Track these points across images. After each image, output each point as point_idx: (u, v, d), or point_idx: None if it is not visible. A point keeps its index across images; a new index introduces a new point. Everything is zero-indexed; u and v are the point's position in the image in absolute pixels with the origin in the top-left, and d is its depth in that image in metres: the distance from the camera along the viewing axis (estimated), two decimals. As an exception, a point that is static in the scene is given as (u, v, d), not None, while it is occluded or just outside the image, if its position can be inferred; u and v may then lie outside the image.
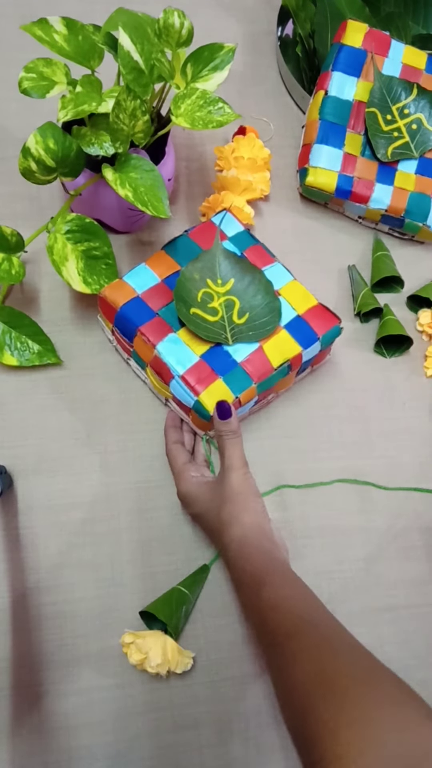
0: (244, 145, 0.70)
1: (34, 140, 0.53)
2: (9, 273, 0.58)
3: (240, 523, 0.51)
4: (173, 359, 0.56)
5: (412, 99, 0.72)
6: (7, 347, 0.62)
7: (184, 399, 0.56)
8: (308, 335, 0.59)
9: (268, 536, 0.51)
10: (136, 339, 0.58)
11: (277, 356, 0.58)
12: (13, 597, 0.56)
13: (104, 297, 0.58)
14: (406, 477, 0.65)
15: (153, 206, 0.55)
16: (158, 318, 0.57)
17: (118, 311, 0.57)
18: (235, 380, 0.56)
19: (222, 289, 0.58)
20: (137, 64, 0.56)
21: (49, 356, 0.63)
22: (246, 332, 0.57)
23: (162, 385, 0.58)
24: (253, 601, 0.47)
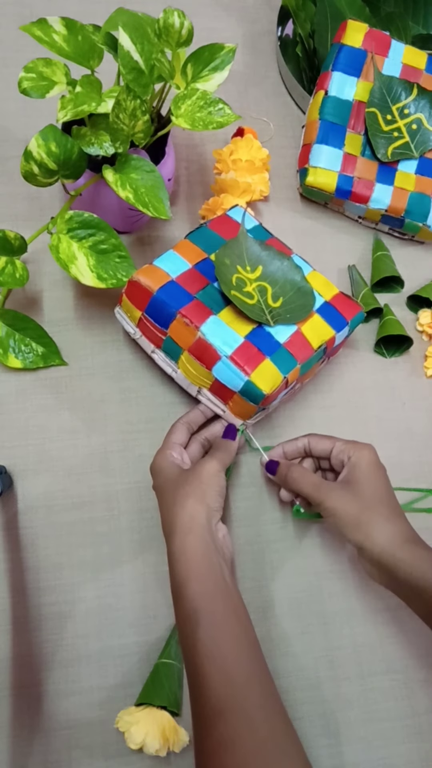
0: (242, 147, 0.70)
1: (36, 143, 0.52)
2: (13, 277, 0.58)
3: (189, 511, 0.50)
4: (219, 340, 0.54)
5: (412, 99, 0.72)
6: (12, 350, 0.62)
7: (231, 382, 0.55)
8: (338, 320, 0.60)
9: (213, 538, 0.50)
10: (174, 323, 0.56)
11: (315, 338, 0.58)
12: (13, 597, 0.56)
13: (137, 281, 0.56)
14: (406, 477, 0.65)
15: (154, 207, 0.55)
16: (197, 301, 0.56)
17: (154, 294, 0.55)
18: (281, 360, 0.55)
19: (252, 275, 0.58)
20: (137, 64, 0.56)
21: (54, 358, 0.63)
22: (284, 315, 0.57)
23: (200, 372, 0.56)
24: (188, 641, 0.46)
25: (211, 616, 0.46)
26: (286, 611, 0.59)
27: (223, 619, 0.46)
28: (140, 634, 0.56)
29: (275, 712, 0.44)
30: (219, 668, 0.44)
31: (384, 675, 0.58)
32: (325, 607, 0.59)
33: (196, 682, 0.45)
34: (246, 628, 0.47)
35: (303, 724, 0.55)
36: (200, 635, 0.45)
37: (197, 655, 0.45)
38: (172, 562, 0.49)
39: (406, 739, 0.56)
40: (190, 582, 0.47)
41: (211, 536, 0.50)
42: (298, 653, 0.57)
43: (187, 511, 0.50)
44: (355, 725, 0.56)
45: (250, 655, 0.46)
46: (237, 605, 0.48)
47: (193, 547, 0.48)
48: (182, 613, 0.47)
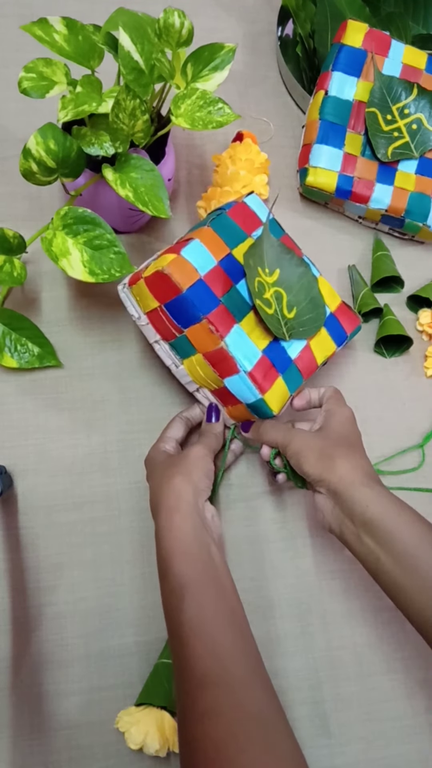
0: (241, 152, 0.70)
1: (35, 141, 0.52)
2: (11, 275, 0.58)
3: (175, 490, 0.50)
4: (240, 354, 0.54)
5: (412, 99, 0.72)
6: (7, 349, 0.62)
7: (242, 395, 0.55)
8: (340, 334, 0.60)
9: (200, 515, 0.50)
10: (197, 326, 0.54)
11: (320, 354, 0.58)
12: (13, 597, 0.56)
13: (168, 275, 0.52)
14: (407, 477, 0.65)
15: (153, 206, 0.55)
16: (222, 306, 0.55)
17: (183, 293, 0.53)
18: (291, 378, 0.56)
19: (270, 279, 0.57)
20: (137, 64, 0.56)
21: (49, 359, 0.63)
22: (297, 328, 0.57)
23: (210, 377, 0.56)
24: (174, 614, 0.46)
25: (197, 590, 0.46)
26: (286, 611, 0.59)
27: (209, 594, 0.47)
28: (140, 634, 0.56)
29: (261, 685, 0.44)
30: (203, 642, 0.44)
31: (384, 675, 0.58)
32: (325, 607, 0.59)
33: (180, 655, 0.45)
34: (232, 605, 0.48)
35: (303, 724, 0.55)
36: (185, 609, 0.45)
37: (182, 628, 0.45)
38: (159, 538, 0.50)
39: (406, 739, 0.56)
40: (175, 557, 0.48)
41: (198, 514, 0.50)
42: (298, 653, 0.57)
43: (174, 490, 0.51)
44: (355, 725, 0.56)
45: (236, 630, 0.46)
46: (224, 582, 0.48)
47: (179, 523, 0.49)
48: (168, 588, 0.48)
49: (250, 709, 0.42)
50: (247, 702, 0.43)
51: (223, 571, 0.49)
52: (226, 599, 0.47)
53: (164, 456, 0.56)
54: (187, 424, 0.60)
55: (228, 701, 0.42)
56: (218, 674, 0.43)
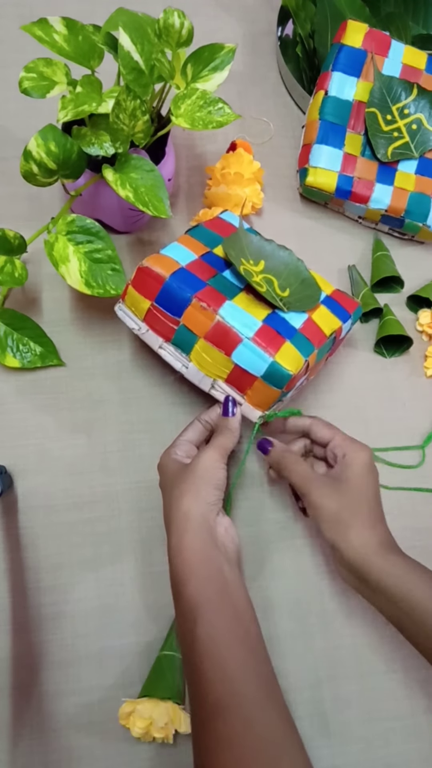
0: (233, 163, 0.69)
1: (35, 143, 0.52)
2: (12, 276, 0.58)
3: (183, 510, 0.49)
4: (238, 323, 0.53)
5: (412, 99, 0.72)
6: (9, 349, 0.62)
7: (253, 365, 0.53)
8: (342, 312, 0.60)
9: (212, 534, 0.49)
10: (189, 309, 0.54)
11: (326, 326, 0.58)
12: (13, 597, 0.56)
13: (148, 267, 0.55)
14: (406, 477, 0.65)
15: (154, 206, 0.55)
16: (210, 287, 0.55)
17: (166, 280, 0.54)
18: (300, 344, 0.55)
19: (256, 268, 0.58)
20: (137, 65, 0.56)
21: (51, 358, 0.63)
22: (294, 303, 0.57)
23: (218, 360, 0.55)
24: (187, 638, 0.46)
25: (210, 614, 0.46)
26: (286, 611, 0.59)
27: (222, 616, 0.46)
28: (140, 634, 0.56)
29: (275, 710, 0.44)
30: (217, 666, 0.44)
31: (384, 675, 0.58)
32: (325, 607, 0.59)
33: (194, 680, 0.45)
34: (246, 625, 0.47)
35: (303, 724, 0.55)
36: (198, 633, 0.45)
37: (195, 653, 0.45)
38: (170, 561, 0.49)
39: (406, 739, 0.56)
40: (187, 580, 0.47)
41: (208, 533, 0.49)
42: (298, 653, 0.57)
43: (182, 510, 0.50)
44: (355, 725, 0.56)
45: (250, 653, 0.46)
46: (238, 602, 0.48)
47: (189, 545, 0.48)
48: (181, 611, 0.47)
49: (262, 733, 0.42)
50: (259, 726, 0.43)
51: (236, 590, 0.48)
52: (239, 619, 0.47)
53: (176, 466, 0.54)
54: (206, 427, 0.58)
55: (240, 727, 0.42)
56: (230, 698, 0.43)
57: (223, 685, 0.43)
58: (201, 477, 0.51)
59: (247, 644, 0.46)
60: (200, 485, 0.50)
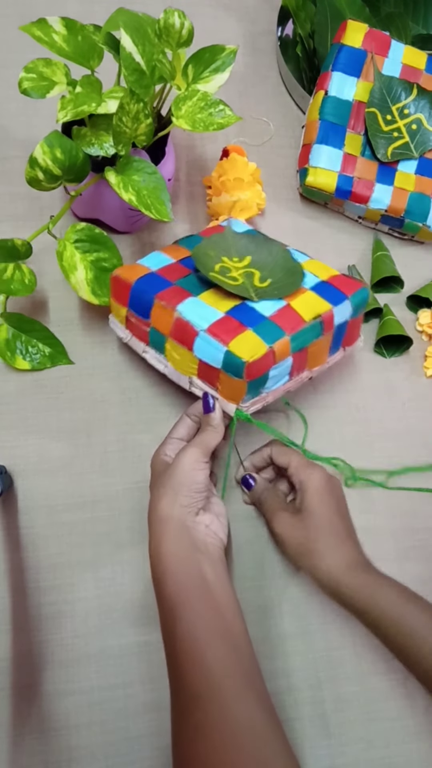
0: (229, 169, 0.69)
1: (41, 150, 0.52)
2: (23, 283, 0.58)
3: (159, 513, 0.50)
4: (195, 316, 0.53)
5: (412, 99, 0.72)
6: (19, 352, 0.62)
7: (211, 357, 0.52)
8: (336, 295, 0.58)
9: (189, 534, 0.50)
10: (153, 310, 0.55)
11: (307, 311, 0.55)
12: (13, 597, 0.56)
13: (117, 276, 0.57)
14: (407, 477, 0.65)
15: (156, 209, 0.55)
16: (176, 286, 0.56)
17: (132, 286, 0.56)
18: (265, 331, 0.53)
19: (240, 264, 0.57)
20: (139, 66, 0.56)
21: (61, 358, 0.63)
22: (271, 292, 0.56)
23: (185, 356, 0.55)
24: (168, 635, 0.47)
25: (189, 612, 0.47)
26: (286, 611, 0.59)
27: (200, 614, 0.47)
28: (140, 634, 0.56)
29: (255, 701, 0.45)
30: (196, 661, 0.45)
31: (384, 675, 0.58)
32: (325, 607, 0.59)
33: (174, 675, 0.46)
34: (228, 622, 0.48)
35: (303, 724, 0.55)
36: (178, 631, 0.46)
37: (176, 649, 0.46)
38: (150, 562, 0.50)
39: (406, 739, 0.56)
40: (166, 581, 0.48)
41: (186, 534, 0.50)
42: (298, 653, 0.58)
43: (159, 516, 0.50)
44: (355, 725, 0.56)
45: (231, 648, 0.46)
46: (218, 598, 0.48)
47: (167, 548, 0.49)
48: (162, 611, 0.48)
49: (242, 724, 0.43)
50: (239, 717, 0.43)
51: (217, 588, 0.49)
52: (219, 616, 0.47)
53: (162, 466, 0.54)
54: (195, 421, 0.58)
55: (219, 717, 0.42)
56: (209, 690, 0.43)
57: (201, 678, 0.44)
58: (178, 481, 0.51)
59: (228, 640, 0.47)
60: (177, 489, 0.51)
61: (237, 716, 0.43)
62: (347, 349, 0.63)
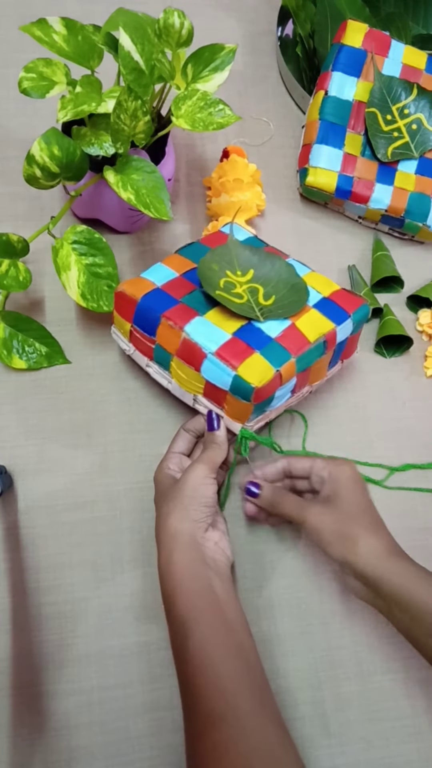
0: (229, 170, 0.69)
1: (39, 147, 0.52)
2: (17, 279, 0.58)
3: (169, 529, 0.50)
4: (203, 338, 0.53)
5: (412, 99, 0.72)
6: (15, 351, 0.62)
7: (219, 380, 0.53)
8: (339, 313, 0.58)
9: (199, 550, 0.50)
10: (160, 328, 0.55)
11: (312, 331, 0.56)
12: (13, 597, 0.56)
13: (122, 291, 0.56)
14: (406, 477, 0.65)
15: (155, 208, 0.55)
16: (182, 304, 0.55)
17: (138, 302, 0.55)
18: (272, 354, 0.53)
19: (243, 278, 0.57)
20: (138, 65, 0.56)
21: (57, 358, 0.63)
22: (276, 311, 0.56)
23: (191, 376, 0.55)
24: (179, 652, 0.47)
25: (200, 628, 0.46)
26: (286, 611, 0.59)
27: (212, 630, 0.47)
28: (140, 634, 0.56)
29: (269, 719, 0.44)
30: (209, 678, 0.45)
31: (384, 675, 0.58)
32: (325, 607, 0.59)
33: (187, 693, 0.46)
34: (238, 637, 0.48)
35: (303, 724, 0.55)
36: (190, 647, 0.46)
37: (188, 666, 0.46)
38: (160, 579, 0.50)
39: (406, 739, 0.56)
40: (177, 596, 0.48)
41: (196, 550, 0.50)
42: (298, 653, 0.57)
43: (169, 530, 0.50)
44: (355, 725, 0.56)
45: (243, 664, 0.46)
46: (229, 614, 0.48)
47: (177, 563, 0.49)
48: (172, 627, 0.48)
49: (256, 743, 0.42)
50: (253, 736, 0.43)
51: (227, 604, 0.49)
52: (231, 632, 0.47)
53: (168, 480, 0.54)
54: (193, 435, 0.58)
55: (233, 736, 0.42)
56: (223, 709, 0.43)
57: (216, 696, 0.44)
58: (188, 495, 0.51)
59: (240, 656, 0.47)
60: (187, 503, 0.51)
61: (253, 735, 0.43)
62: (345, 361, 0.64)
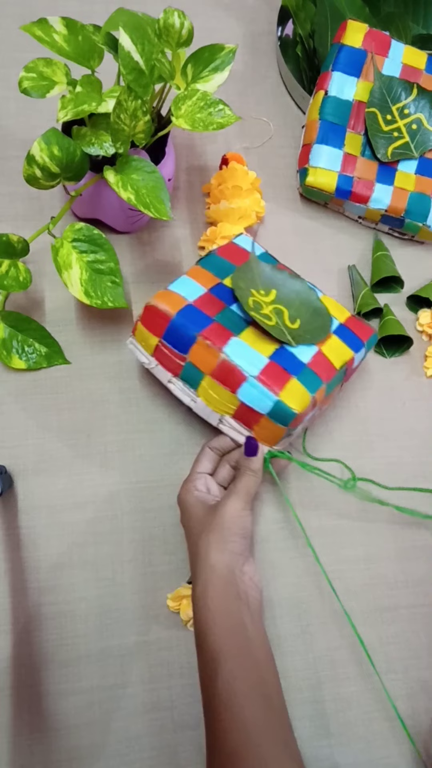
0: (228, 177, 0.69)
1: (39, 147, 0.52)
2: (17, 280, 0.58)
3: (210, 562, 0.50)
4: (244, 361, 0.53)
5: (412, 99, 0.72)
6: (15, 351, 0.62)
7: (258, 403, 0.53)
8: (355, 341, 0.59)
9: (236, 585, 0.50)
10: (194, 347, 0.54)
11: (336, 358, 0.57)
12: (13, 597, 0.56)
13: (154, 306, 0.55)
14: (406, 477, 0.65)
15: (155, 208, 0.55)
16: (217, 323, 0.55)
17: (172, 319, 0.54)
18: (307, 380, 0.54)
19: (267, 298, 0.57)
20: (138, 65, 0.56)
21: (57, 358, 0.63)
22: (304, 335, 0.56)
23: (224, 397, 0.55)
24: (208, 686, 0.47)
25: (230, 664, 0.47)
26: (286, 611, 0.59)
27: (242, 666, 0.47)
28: (140, 634, 0.56)
29: (289, 760, 0.45)
30: (236, 716, 0.45)
31: (384, 675, 0.58)
32: (325, 607, 0.59)
33: (212, 728, 0.46)
34: (266, 676, 0.48)
35: (303, 724, 0.55)
36: (218, 684, 0.46)
37: (215, 702, 0.46)
38: (194, 609, 0.50)
39: (406, 739, 0.56)
40: (210, 631, 0.48)
41: (233, 585, 0.50)
42: (298, 653, 0.58)
43: (209, 563, 0.50)
44: (355, 725, 0.56)
45: (269, 705, 0.47)
46: (257, 652, 0.48)
47: (213, 597, 0.49)
48: (202, 660, 0.48)
49: None
50: None
51: (257, 641, 0.49)
52: (259, 670, 0.48)
53: (197, 506, 0.54)
54: (217, 454, 0.58)
55: None
56: (247, 749, 0.44)
57: (240, 735, 0.44)
58: (227, 528, 0.51)
59: (266, 695, 0.47)
60: (227, 536, 0.51)
61: None
62: (344, 385, 0.64)
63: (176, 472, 0.61)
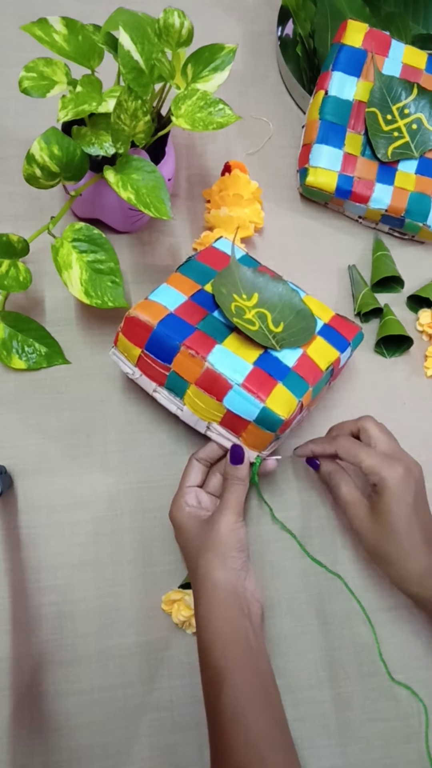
0: (230, 185, 0.69)
1: (38, 146, 0.52)
2: (17, 280, 0.58)
3: (213, 580, 0.50)
4: (228, 369, 0.53)
5: (413, 99, 0.72)
6: (15, 351, 0.62)
7: (245, 411, 0.53)
8: (340, 341, 0.59)
9: (238, 601, 0.50)
10: (178, 357, 0.54)
11: (322, 360, 0.57)
12: (13, 597, 0.56)
13: (135, 316, 0.54)
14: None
15: (155, 208, 0.55)
16: (199, 331, 0.54)
17: (154, 329, 0.54)
18: (293, 384, 0.54)
19: (249, 303, 0.57)
20: (137, 64, 0.56)
21: (57, 358, 0.63)
22: (288, 339, 0.56)
23: (210, 405, 0.54)
24: (212, 702, 0.47)
25: (234, 681, 0.47)
26: (286, 611, 0.59)
27: (246, 684, 0.47)
28: (140, 634, 0.56)
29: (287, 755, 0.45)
30: (241, 731, 0.45)
31: (384, 675, 0.58)
32: (325, 607, 0.59)
33: (218, 744, 0.46)
34: (268, 691, 0.48)
35: (303, 724, 0.55)
36: (223, 700, 0.46)
37: (220, 717, 0.46)
38: (198, 627, 0.50)
39: (406, 739, 0.56)
40: (214, 647, 0.48)
41: (236, 600, 0.50)
42: (298, 653, 0.58)
43: (212, 581, 0.50)
44: (355, 725, 0.56)
45: (272, 719, 0.47)
46: (261, 667, 0.49)
47: (216, 614, 0.49)
48: (206, 676, 0.48)
49: None
50: None
51: (260, 656, 0.49)
52: (262, 685, 0.48)
53: (191, 522, 0.54)
54: (205, 465, 0.58)
55: None
56: (252, 764, 0.44)
57: (246, 752, 0.45)
58: (224, 543, 0.51)
59: (269, 710, 0.47)
60: (225, 552, 0.51)
61: None
62: (331, 384, 0.63)
63: (176, 472, 0.61)
